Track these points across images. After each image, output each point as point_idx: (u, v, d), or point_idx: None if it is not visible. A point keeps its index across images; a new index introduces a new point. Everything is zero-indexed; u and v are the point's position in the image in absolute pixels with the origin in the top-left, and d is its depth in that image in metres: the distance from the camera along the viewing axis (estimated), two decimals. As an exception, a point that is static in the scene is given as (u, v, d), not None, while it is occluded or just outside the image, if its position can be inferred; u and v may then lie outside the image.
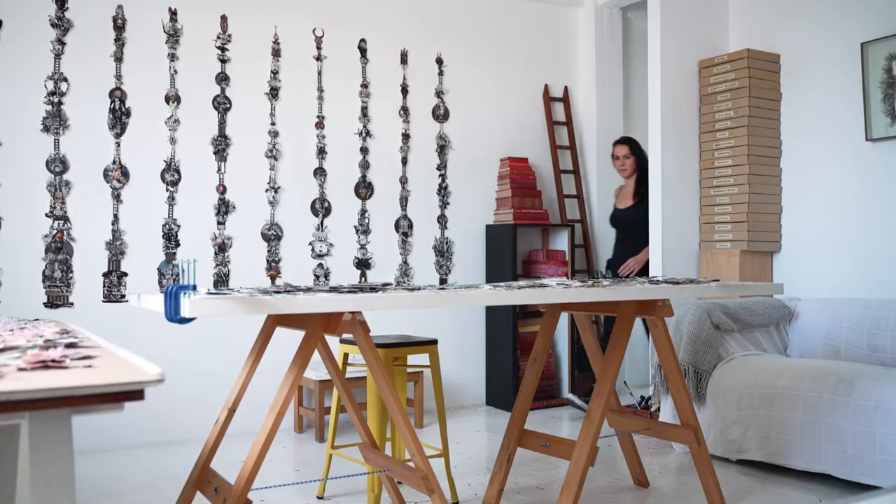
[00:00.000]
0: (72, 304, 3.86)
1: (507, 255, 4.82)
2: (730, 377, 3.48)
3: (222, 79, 4.25)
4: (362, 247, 4.63)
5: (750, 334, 3.82)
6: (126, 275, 3.99)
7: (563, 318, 4.91)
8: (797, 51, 4.40)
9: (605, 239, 5.39)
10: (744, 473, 3.33)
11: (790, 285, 4.34)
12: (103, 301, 3.93)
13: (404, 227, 4.77)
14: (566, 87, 5.39)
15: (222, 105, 4.25)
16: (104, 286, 3.94)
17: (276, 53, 4.40)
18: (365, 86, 4.67)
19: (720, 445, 3.47)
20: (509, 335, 4.78)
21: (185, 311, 1.81)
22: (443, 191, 4.92)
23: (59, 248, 3.84)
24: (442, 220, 4.91)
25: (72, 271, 3.86)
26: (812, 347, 3.83)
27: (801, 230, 4.39)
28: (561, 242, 5.06)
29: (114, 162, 3.99)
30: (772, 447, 3.26)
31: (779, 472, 3.31)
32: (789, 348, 3.94)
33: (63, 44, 3.87)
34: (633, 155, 4.65)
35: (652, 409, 4.13)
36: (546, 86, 5.29)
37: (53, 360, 1.09)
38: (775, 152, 4.46)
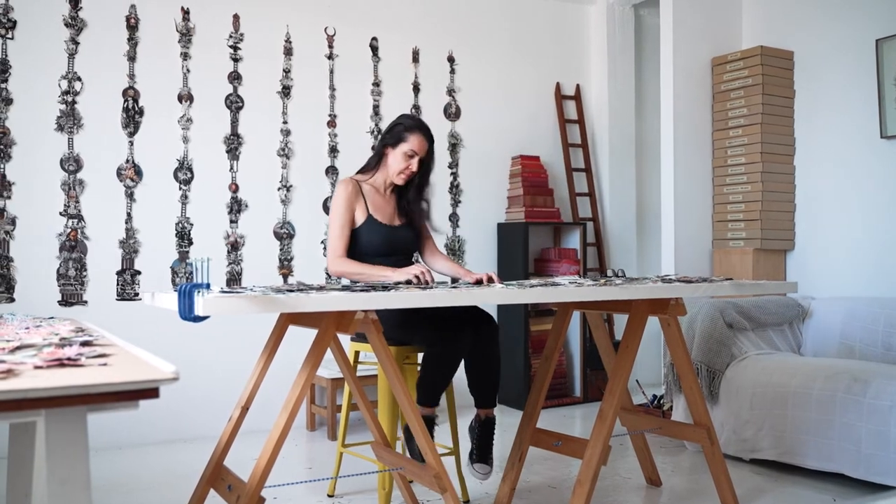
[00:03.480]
0: (86, 302, 3.88)
1: (518, 253, 4.81)
2: (743, 376, 3.46)
3: (235, 77, 4.26)
4: (374, 245, 4.63)
5: (763, 333, 3.79)
6: (139, 273, 4.01)
7: (576, 316, 4.89)
8: (811, 47, 4.37)
9: (618, 237, 5.36)
10: (757, 473, 3.32)
11: (804, 283, 4.31)
12: (117, 299, 3.96)
13: (416, 226, 4.77)
14: (578, 85, 5.37)
15: (235, 104, 4.26)
16: (118, 284, 3.96)
17: (289, 52, 4.41)
18: (377, 84, 4.67)
19: (733, 444, 3.45)
20: (521, 334, 4.77)
21: (198, 310, 1.81)
22: (454, 189, 4.92)
23: (74, 247, 3.86)
24: (454, 219, 4.91)
25: (86, 270, 3.89)
26: (826, 346, 3.81)
27: (814, 228, 4.36)
28: (573, 241, 5.05)
29: (127, 161, 4.01)
30: (785, 446, 3.24)
31: (792, 471, 3.30)
32: (803, 347, 3.91)
33: (77, 43, 3.90)
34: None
35: (664, 408, 4.12)
36: (558, 84, 5.27)
37: (69, 359, 1.10)
38: (789, 150, 4.43)
